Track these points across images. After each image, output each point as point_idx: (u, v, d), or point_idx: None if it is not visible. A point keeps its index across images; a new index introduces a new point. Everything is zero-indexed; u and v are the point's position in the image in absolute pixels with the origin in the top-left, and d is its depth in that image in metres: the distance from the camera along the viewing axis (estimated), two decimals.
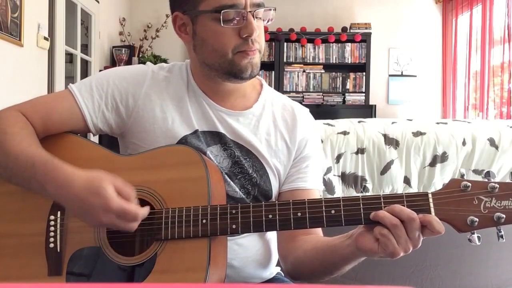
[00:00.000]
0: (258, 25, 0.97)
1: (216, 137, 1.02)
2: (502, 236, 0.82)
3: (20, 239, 0.92)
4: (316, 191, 1.08)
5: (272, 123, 1.07)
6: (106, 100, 1.02)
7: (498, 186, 0.81)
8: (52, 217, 0.92)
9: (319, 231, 1.05)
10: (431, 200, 0.83)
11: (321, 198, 0.87)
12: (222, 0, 0.93)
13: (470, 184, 0.82)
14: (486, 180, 0.83)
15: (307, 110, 1.13)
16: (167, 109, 1.02)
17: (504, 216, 0.80)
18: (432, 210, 0.82)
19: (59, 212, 0.92)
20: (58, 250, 0.90)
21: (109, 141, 1.24)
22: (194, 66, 1.06)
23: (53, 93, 1.12)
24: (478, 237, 0.82)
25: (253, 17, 0.95)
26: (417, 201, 0.83)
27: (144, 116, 1.01)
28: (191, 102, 1.03)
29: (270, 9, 0.99)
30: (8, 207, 0.95)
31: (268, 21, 1.00)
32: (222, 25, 0.93)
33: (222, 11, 0.93)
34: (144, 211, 0.85)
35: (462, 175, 0.85)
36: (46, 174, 0.87)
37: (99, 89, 1.02)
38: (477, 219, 0.81)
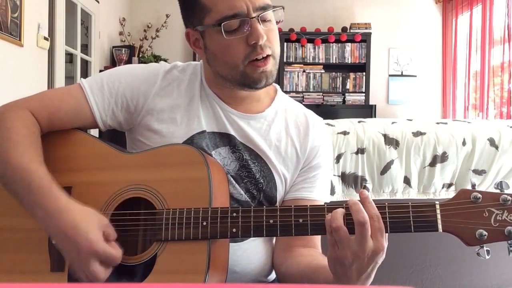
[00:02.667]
0: (268, 29, 0.93)
1: (225, 139, 1.01)
2: None
3: (24, 234, 0.92)
4: (322, 203, 1.04)
5: (284, 129, 1.05)
6: (116, 98, 1.01)
7: (511, 198, 0.77)
8: None
9: (317, 244, 1.03)
10: (438, 211, 0.79)
11: (324, 205, 0.85)
12: (223, 12, 0.91)
13: (481, 196, 0.78)
14: (499, 191, 0.79)
15: (321, 119, 1.11)
16: (176, 110, 1.01)
17: None
18: (439, 222, 0.79)
19: None
20: None
21: (110, 137, 1.23)
22: (207, 74, 1.04)
23: (62, 88, 1.10)
24: (487, 251, 0.78)
25: (259, 22, 0.91)
26: (424, 212, 0.80)
27: (153, 115, 1.01)
28: (202, 102, 1.03)
29: (278, 9, 0.95)
30: (13, 202, 0.95)
31: (278, 22, 0.97)
32: (225, 37, 0.91)
33: (222, 24, 0.90)
34: (119, 253, 0.85)
35: (473, 185, 0.80)
36: (37, 199, 0.85)
37: (110, 86, 1.01)
38: (487, 233, 0.77)
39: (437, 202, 0.80)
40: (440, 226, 0.79)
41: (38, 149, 0.93)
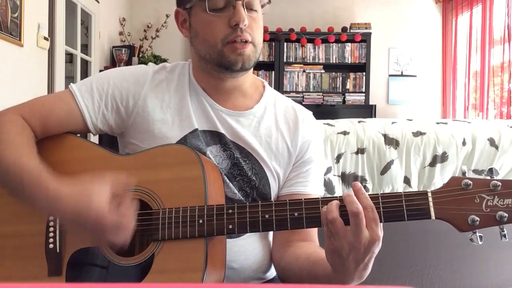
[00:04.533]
0: (251, 17, 0.96)
1: (216, 137, 1.01)
2: (505, 236, 0.79)
3: (20, 240, 0.92)
4: (316, 196, 1.05)
5: (273, 125, 1.05)
6: (106, 101, 1.01)
7: (500, 184, 0.78)
8: (51, 218, 0.92)
9: (315, 238, 1.04)
10: (430, 199, 0.81)
11: (318, 198, 0.86)
12: None
13: (472, 182, 0.79)
14: (489, 177, 0.80)
15: (311, 113, 1.12)
16: (167, 110, 1.02)
17: (506, 215, 0.77)
18: (432, 209, 0.80)
19: None
20: (58, 250, 0.90)
21: (109, 140, 1.23)
22: (194, 63, 1.06)
23: (53, 94, 1.11)
24: (480, 236, 0.79)
25: (244, 7, 0.94)
26: (416, 200, 0.81)
27: (143, 117, 1.01)
28: (192, 101, 1.03)
29: (264, 1, 0.99)
30: (8, 208, 0.95)
31: (263, 7, 1.00)
32: (208, 12, 0.94)
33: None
34: (132, 213, 0.83)
35: (464, 173, 0.82)
36: (34, 193, 0.86)
37: (99, 89, 1.01)
38: (478, 218, 0.78)
39: (429, 191, 0.82)
40: (432, 214, 0.80)
41: (30, 146, 0.93)
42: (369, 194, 0.81)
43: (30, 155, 0.91)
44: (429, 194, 0.81)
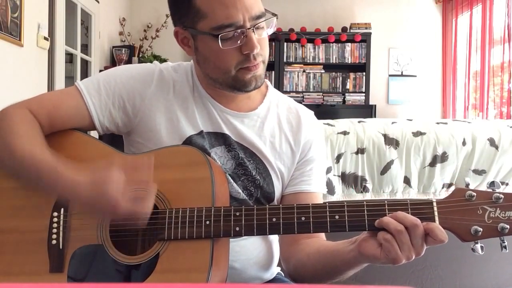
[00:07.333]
0: (259, 38, 0.95)
1: (220, 138, 1.02)
2: (505, 247, 0.81)
3: (23, 235, 0.93)
4: (320, 194, 1.08)
5: (277, 125, 1.06)
6: (113, 99, 1.01)
7: (503, 196, 0.81)
8: (55, 214, 0.92)
9: (321, 234, 1.04)
10: (435, 208, 0.83)
11: (326, 203, 0.87)
12: (219, 20, 0.91)
13: (475, 194, 0.82)
14: (491, 190, 0.83)
15: (312, 112, 1.13)
16: (173, 109, 1.02)
17: (508, 227, 0.80)
18: (437, 218, 0.82)
19: (62, 209, 0.92)
20: (60, 247, 0.91)
21: (110, 138, 1.23)
22: (198, 73, 1.06)
23: (60, 90, 1.12)
24: (481, 247, 0.82)
25: (254, 32, 0.93)
26: (422, 209, 0.83)
27: (150, 116, 1.01)
28: (196, 103, 1.03)
29: (272, 18, 0.98)
30: (12, 203, 0.95)
31: (270, 27, 0.99)
32: (221, 46, 0.92)
33: (219, 35, 0.91)
34: (150, 203, 0.85)
35: (467, 185, 0.84)
36: (50, 182, 0.88)
37: (106, 87, 1.02)
38: (481, 229, 0.81)
39: (434, 200, 0.84)
40: (437, 223, 0.82)
41: (42, 139, 0.95)
42: (375, 201, 0.84)
43: (43, 147, 0.93)
44: (434, 204, 0.84)
